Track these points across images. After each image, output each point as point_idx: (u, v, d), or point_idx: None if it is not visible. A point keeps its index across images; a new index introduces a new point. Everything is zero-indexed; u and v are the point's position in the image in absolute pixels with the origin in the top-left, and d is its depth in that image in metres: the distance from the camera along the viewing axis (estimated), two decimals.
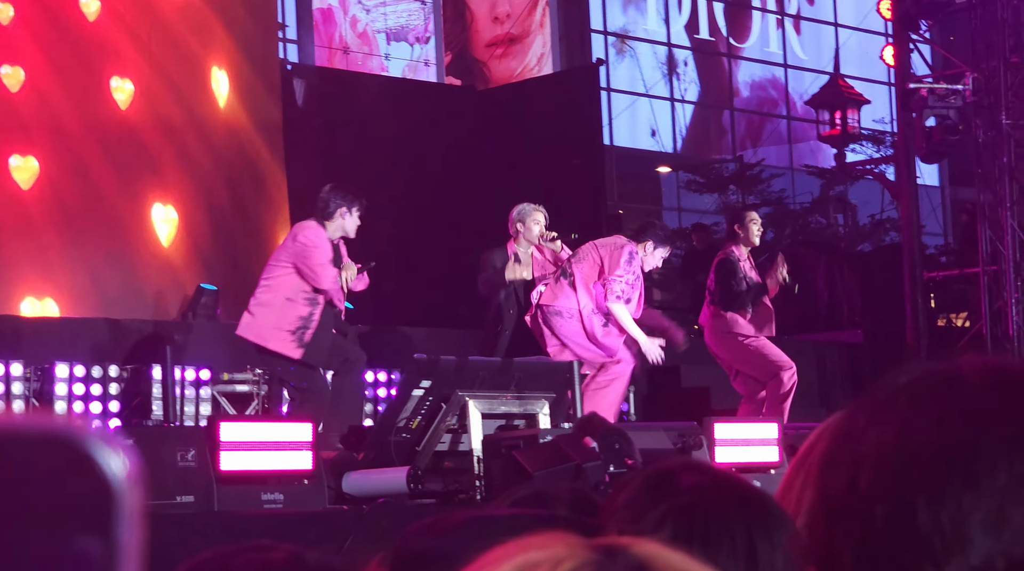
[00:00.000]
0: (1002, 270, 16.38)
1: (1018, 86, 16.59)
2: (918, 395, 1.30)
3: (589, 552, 1.02)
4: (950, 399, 1.28)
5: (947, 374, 1.31)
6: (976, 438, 1.25)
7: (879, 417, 1.30)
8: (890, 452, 1.27)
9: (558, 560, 1.01)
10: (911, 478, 1.25)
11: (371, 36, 25.24)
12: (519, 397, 9.31)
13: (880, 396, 1.33)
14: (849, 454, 1.30)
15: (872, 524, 1.26)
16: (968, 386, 1.29)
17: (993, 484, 1.23)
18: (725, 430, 9.59)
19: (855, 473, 1.28)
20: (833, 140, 19.21)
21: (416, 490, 8.35)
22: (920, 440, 1.26)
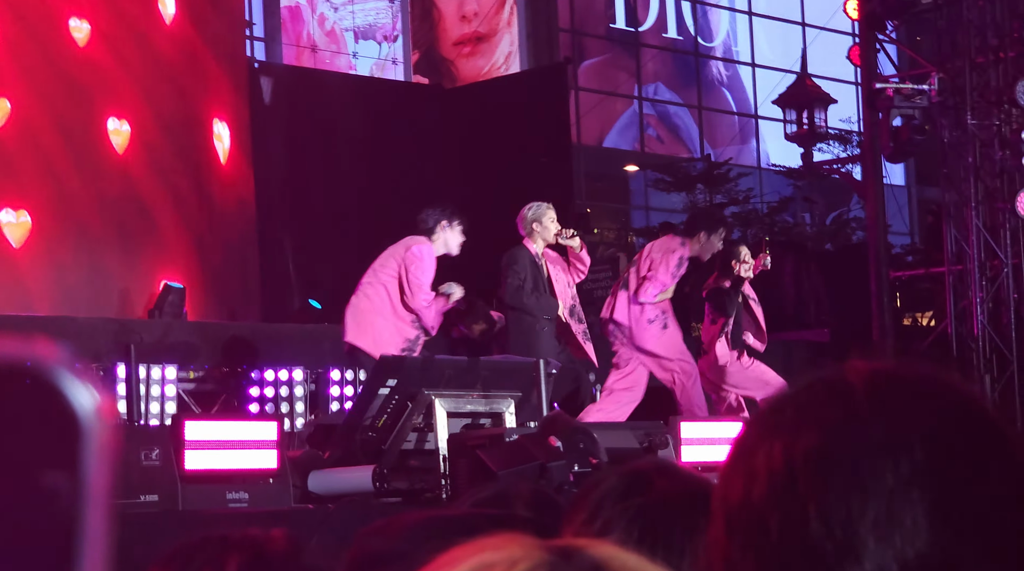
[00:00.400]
0: (967, 269, 16.43)
1: (983, 86, 16.65)
2: (804, 404, 1.30)
3: (544, 553, 1.01)
4: (835, 407, 1.28)
5: (832, 382, 1.31)
6: (859, 442, 1.25)
7: (770, 428, 1.30)
8: (779, 462, 1.27)
9: (513, 561, 1.00)
10: (799, 487, 1.25)
11: (339, 34, 25.21)
12: (485, 396, 9.31)
13: (773, 407, 1.33)
14: (743, 465, 1.30)
15: (767, 535, 1.26)
16: (852, 392, 1.29)
17: (879, 487, 1.23)
18: (691, 429, 9.61)
19: (749, 485, 1.28)
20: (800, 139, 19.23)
21: (382, 489, 8.33)
22: (806, 448, 1.26)
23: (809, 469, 1.25)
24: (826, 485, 1.24)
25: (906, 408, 1.27)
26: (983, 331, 16.27)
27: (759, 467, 1.28)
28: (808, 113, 19.12)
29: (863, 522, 1.23)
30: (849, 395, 1.29)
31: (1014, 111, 16.56)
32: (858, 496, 1.23)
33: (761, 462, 1.28)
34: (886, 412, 1.27)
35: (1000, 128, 16.58)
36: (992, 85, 16.64)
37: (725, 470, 1.33)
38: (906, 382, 1.30)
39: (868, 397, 1.28)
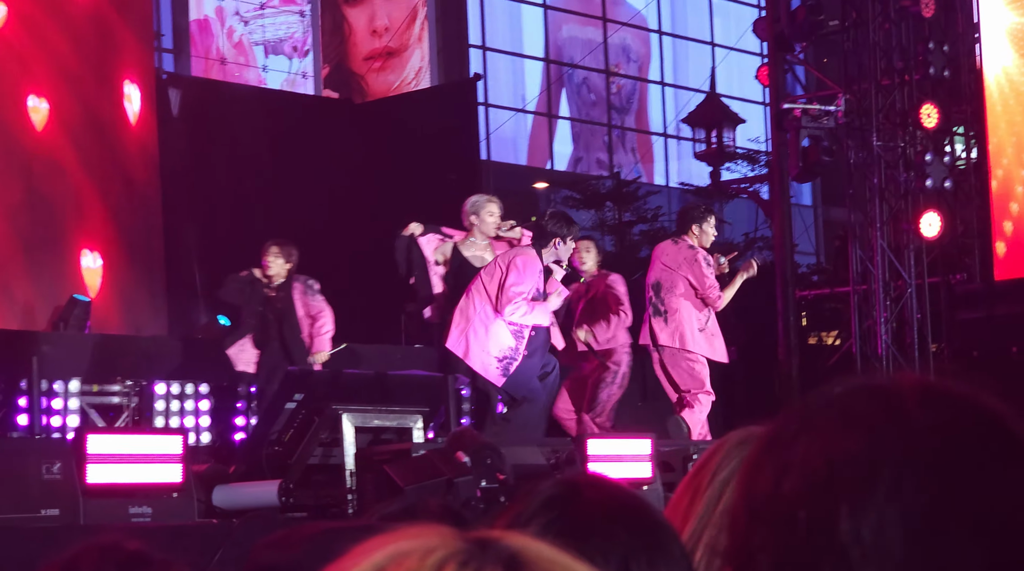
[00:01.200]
0: (872, 290, 16.60)
1: (889, 108, 16.84)
2: (851, 406, 1.30)
3: (460, 543, 1.02)
4: (883, 413, 1.28)
5: (882, 389, 1.31)
6: (904, 454, 1.25)
7: (810, 424, 1.30)
8: (818, 459, 1.27)
9: (428, 550, 1.00)
10: (836, 486, 1.25)
11: (248, 48, 25.09)
12: (393, 411, 9.27)
13: (814, 404, 1.33)
14: (776, 458, 1.29)
15: (793, 529, 1.26)
16: (902, 402, 1.29)
17: (917, 499, 1.23)
18: (598, 446, 9.61)
19: (780, 477, 1.28)
20: (708, 158, 19.35)
21: (287, 504, 8.28)
22: (848, 449, 1.26)
23: (848, 469, 1.25)
24: (863, 488, 1.24)
25: (954, 424, 1.27)
26: (887, 350, 16.44)
27: (795, 461, 1.27)
28: (717, 132, 19.24)
29: (894, 530, 1.23)
30: (899, 404, 1.28)
31: (918, 133, 16.77)
32: (894, 504, 1.23)
33: (797, 456, 1.27)
34: (934, 425, 1.27)
35: (905, 150, 16.78)
36: (897, 107, 16.84)
37: (753, 460, 1.32)
38: (954, 399, 1.30)
39: (917, 408, 1.28)
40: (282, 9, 25.38)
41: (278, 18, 25.35)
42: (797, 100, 17.01)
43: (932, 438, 1.26)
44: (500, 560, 0.99)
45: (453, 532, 1.03)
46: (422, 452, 8.08)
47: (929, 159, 16.44)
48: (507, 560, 0.99)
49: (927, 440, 1.26)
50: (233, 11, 24.77)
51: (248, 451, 9.04)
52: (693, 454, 10.64)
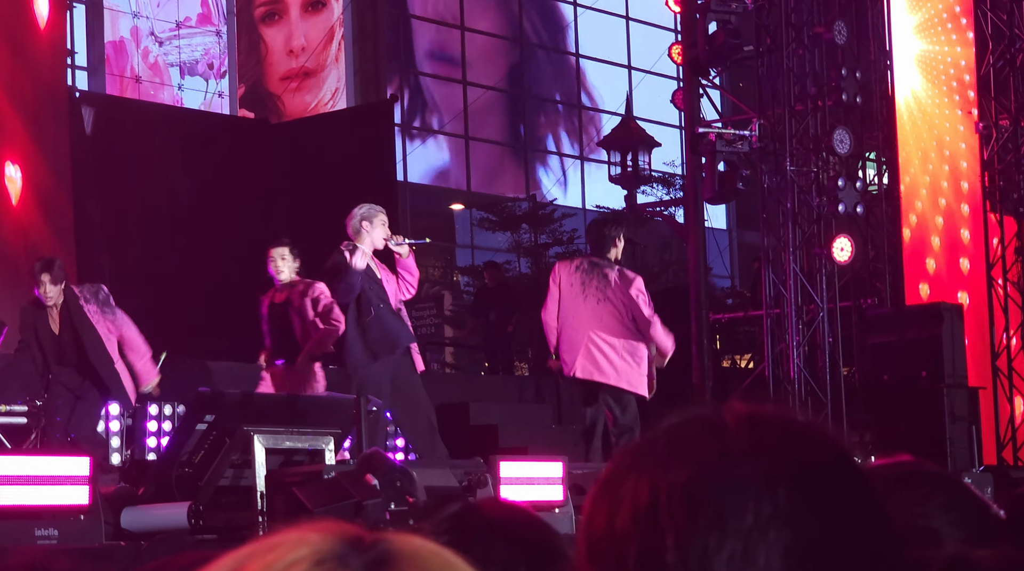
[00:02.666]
0: (784, 313, 16.72)
1: (802, 133, 16.99)
2: (676, 439, 1.31)
3: (335, 544, 1.01)
4: (706, 442, 1.30)
5: (706, 419, 1.33)
6: (725, 480, 1.26)
7: (640, 458, 1.31)
8: (644, 493, 1.28)
9: (296, 544, 1.00)
10: (662, 518, 1.26)
11: (164, 69, 24.94)
12: (304, 432, 9.23)
13: (644, 439, 1.34)
14: (610, 495, 1.30)
15: (625, 565, 1.27)
16: (725, 431, 1.30)
17: (739, 526, 1.24)
18: (510, 468, 9.61)
19: (613, 514, 1.29)
20: (624, 181, 19.42)
21: (197, 526, 8.22)
22: (672, 481, 1.27)
23: (673, 502, 1.26)
24: (687, 519, 1.25)
25: (775, 451, 1.28)
26: (799, 374, 16.55)
27: (625, 496, 1.28)
28: (632, 155, 19.32)
29: (718, 558, 1.24)
30: (722, 433, 1.30)
31: (831, 158, 16.92)
32: (717, 532, 1.24)
33: (627, 492, 1.28)
34: (756, 453, 1.28)
35: (818, 175, 16.93)
36: (811, 132, 16.99)
37: (591, 498, 1.33)
38: (778, 426, 1.31)
39: (740, 436, 1.29)
40: (198, 30, 25.26)
41: (194, 39, 25.23)
42: (712, 124, 17.12)
43: (751, 464, 1.27)
44: (372, 562, 0.99)
45: (335, 532, 1.02)
46: (332, 474, 8.05)
47: (841, 184, 16.59)
48: (377, 563, 0.99)
49: (747, 466, 1.27)
50: (148, 31, 24.62)
51: (158, 472, 8.96)
52: None
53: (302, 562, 0.98)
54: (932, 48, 18.72)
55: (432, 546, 1.05)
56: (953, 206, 18.67)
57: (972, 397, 16.73)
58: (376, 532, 1.04)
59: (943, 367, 16.47)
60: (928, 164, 18.47)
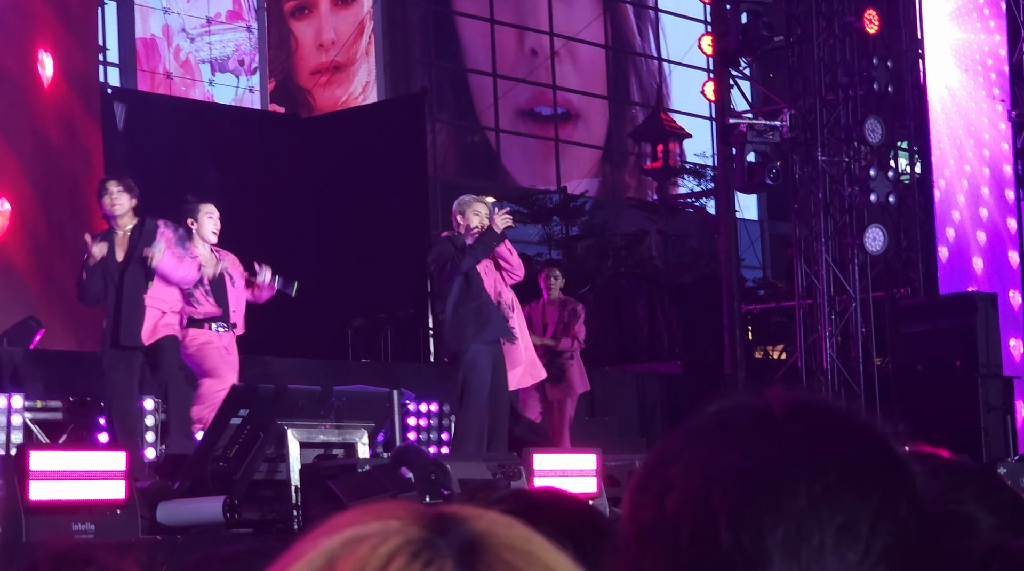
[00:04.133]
0: (817, 304, 16.68)
1: (833, 123, 16.94)
2: (727, 423, 1.34)
3: (419, 529, 1.01)
4: (757, 427, 1.32)
5: (755, 405, 1.35)
6: (779, 463, 1.29)
7: (689, 443, 1.33)
8: (697, 475, 1.30)
9: (386, 535, 1.00)
10: (715, 500, 1.28)
11: (195, 66, 25.00)
12: (338, 426, 9.25)
13: (692, 424, 1.35)
14: (659, 478, 1.32)
15: (678, 546, 1.28)
16: (774, 416, 1.33)
17: (792, 507, 1.27)
18: (544, 460, 9.61)
19: (663, 496, 1.30)
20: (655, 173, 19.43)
21: (232, 520, 8.25)
22: (725, 464, 1.29)
23: (726, 483, 1.28)
24: (740, 500, 1.27)
25: (824, 435, 1.31)
26: (832, 364, 16.52)
27: (676, 479, 1.30)
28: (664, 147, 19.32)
29: (772, 538, 1.26)
30: (770, 417, 1.32)
31: (863, 148, 16.88)
32: (771, 513, 1.27)
33: (677, 474, 1.30)
34: (805, 437, 1.31)
35: (849, 165, 16.89)
36: (842, 122, 16.95)
37: (638, 481, 1.35)
38: (823, 411, 1.35)
39: (788, 421, 1.32)
40: (228, 26, 25.31)
41: (224, 35, 25.27)
42: (742, 115, 17.09)
43: (802, 446, 1.30)
44: (453, 549, 0.99)
45: (416, 513, 1.02)
46: (367, 468, 8.07)
47: (873, 174, 16.54)
48: (461, 548, 0.99)
49: (798, 448, 1.30)
50: (179, 28, 24.69)
51: (193, 467, 9.00)
52: None
53: (400, 555, 0.98)
54: (965, 36, 18.64)
55: (504, 518, 1.05)
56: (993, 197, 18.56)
57: (1007, 386, 16.67)
58: (445, 509, 1.04)
59: (977, 356, 16.42)
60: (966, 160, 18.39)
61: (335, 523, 1.02)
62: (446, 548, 0.99)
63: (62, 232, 15.43)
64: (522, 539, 1.03)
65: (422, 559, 0.98)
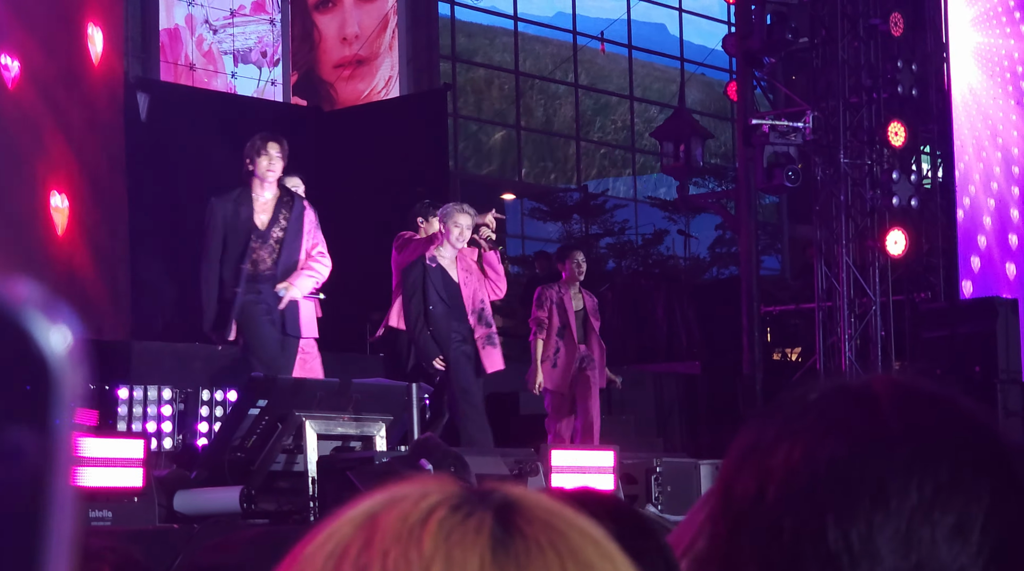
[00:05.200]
0: (836, 306, 16.65)
1: (856, 126, 16.91)
2: (828, 412, 1.29)
3: (457, 489, 1.02)
4: (860, 418, 1.28)
5: (858, 392, 1.31)
6: (886, 459, 1.25)
7: (788, 432, 1.29)
8: (799, 468, 1.26)
9: (425, 494, 1.01)
10: (820, 496, 1.25)
11: (218, 56, 25.02)
12: (356, 419, 9.25)
13: (789, 410, 1.32)
14: (758, 465, 1.28)
15: (779, 537, 1.25)
16: (878, 405, 1.29)
17: (903, 505, 1.23)
18: (561, 457, 9.62)
19: (763, 485, 1.27)
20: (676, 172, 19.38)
21: (249, 510, 8.25)
22: (830, 458, 1.26)
23: (832, 477, 1.24)
24: (848, 496, 1.24)
25: (933, 427, 1.27)
26: (851, 367, 16.48)
27: (776, 470, 1.27)
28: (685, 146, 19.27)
29: (882, 536, 1.23)
30: (876, 407, 1.28)
31: (885, 151, 16.84)
32: (880, 511, 1.23)
33: (779, 463, 1.27)
34: (913, 429, 1.27)
35: (872, 167, 16.85)
36: (865, 125, 16.91)
37: (732, 466, 1.31)
38: (931, 400, 1.30)
39: (895, 411, 1.28)
40: (252, 17, 25.34)
41: (248, 27, 25.29)
42: (765, 116, 17.06)
43: (911, 441, 1.26)
44: (492, 505, 1.00)
45: (455, 483, 1.04)
46: (385, 459, 8.08)
47: (896, 177, 16.51)
48: (500, 505, 1.01)
49: (907, 443, 1.26)
50: (203, 19, 24.72)
51: (210, 457, 9.00)
52: (657, 467, 10.66)
53: (441, 507, 1.00)
54: (989, 41, 18.60)
55: (539, 493, 1.06)
56: (1004, 188, 18.54)
57: None
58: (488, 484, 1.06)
59: (997, 362, 16.37)
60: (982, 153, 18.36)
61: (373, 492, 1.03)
62: (485, 504, 1.00)
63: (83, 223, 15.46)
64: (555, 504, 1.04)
65: (463, 511, 0.99)
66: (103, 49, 15.55)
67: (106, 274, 15.63)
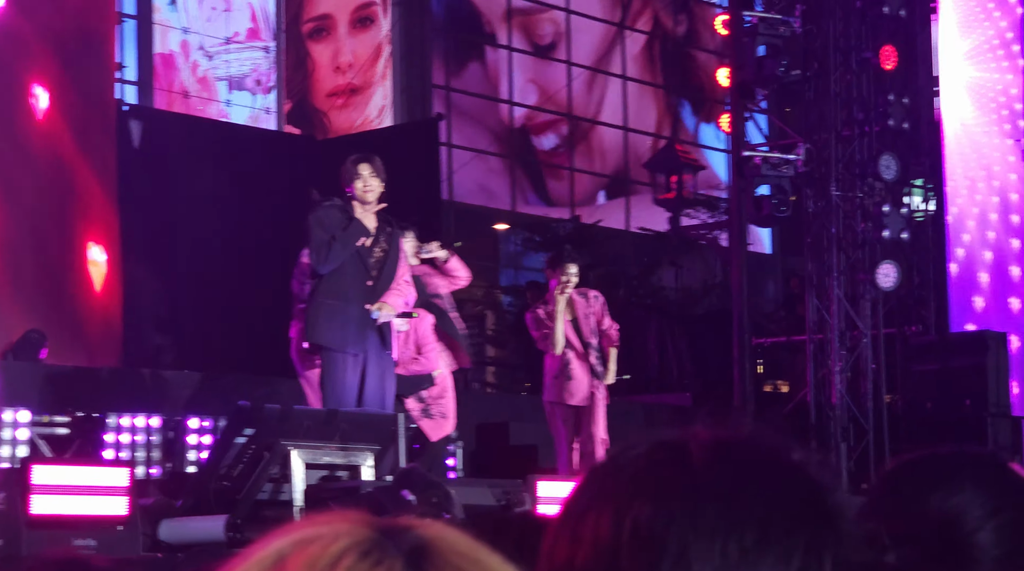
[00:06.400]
0: (827, 339, 16.65)
1: (848, 159, 16.93)
2: (641, 470, 1.25)
3: (369, 531, 1.00)
4: (671, 478, 1.23)
5: (672, 448, 1.26)
6: (691, 521, 1.20)
7: (602, 492, 1.25)
8: (605, 531, 1.22)
9: (332, 537, 0.99)
10: (623, 559, 1.21)
11: (212, 83, 25.05)
12: (343, 448, 9.23)
13: (607, 470, 1.28)
14: (570, 530, 1.25)
15: None
16: (691, 464, 1.24)
17: (704, 568, 1.19)
18: (548, 488, 9.59)
19: (573, 550, 1.24)
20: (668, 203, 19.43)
21: (234, 539, 8.22)
22: (635, 519, 1.21)
23: (635, 543, 1.21)
24: (649, 562, 1.20)
25: (743, 489, 1.23)
26: (841, 400, 16.47)
27: (586, 533, 1.23)
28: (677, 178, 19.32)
29: None
30: (688, 466, 1.24)
31: (877, 184, 16.86)
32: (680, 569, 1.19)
33: (589, 527, 1.23)
34: (722, 492, 1.22)
35: (863, 200, 16.87)
36: (856, 158, 16.94)
37: (554, 529, 1.27)
38: (747, 460, 1.25)
39: (706, 471, 1.23)
40: (247, 45, 25.38)
41: (243, 53, 25.33)
42: (757, 148, 17.09)
43: (719, 505, 1.21)
44: (403, 551, 0.98)
45: (367, 520, 1.02)
46: (369, 490, 8.06)
47: (887, 210, 16.53)
48: (410, 551, 0.99)
49: (713, 508, 1.21)
50: (198, 46, 24.75)
51: (196, 485, 8.98)
52: None
53: (349, 553, 0.98)
54: (982, 75, 18.64)
55: (453, 530, 1.04)
56: (1003, 240, 18.54)
57: (1016, 427, 16.62)
58: (398, 519, 1.04)
59: (987, 396, 16.36)
60: (976, 195, 18.38)
61: (287, 528, 1.02)
62: (395, 549, 0.99)
63: (74, 249, 15.45)
64: (470, 546, 1.02)
65: (372, 558, 0.98)
66: None
67: (96, 305, 15.62)
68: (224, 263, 17.95)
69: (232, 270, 17.76)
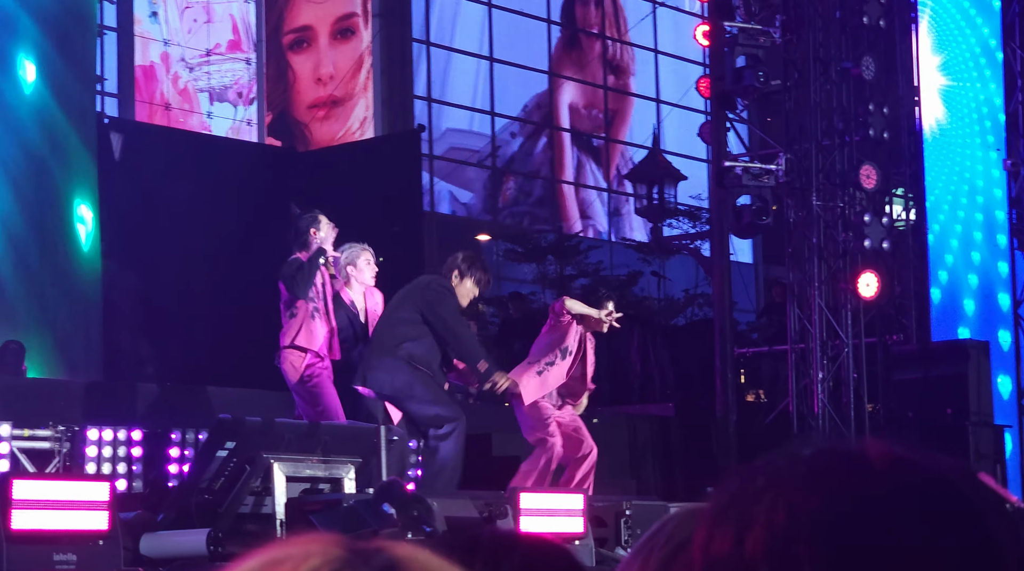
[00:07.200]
0: (809, 348, 16.67)
1: (829, 168, 16.96)
2: (816, 468, 1.28)
3: (340, 551, 1.01)
4: (851, 474, 1.27)
5: (850, 452, 1.30)
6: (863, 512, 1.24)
7: (776, 482, 1.28)
8: (781, 517, 1.25)
9: (305, 556, 0.99)
10: (800, 546, 1.23)
11: (193, 95, 25.04)
12: (325, 461, 9.22)
13: (780, 464, 1.30)
14: (739, 514, 1.27)
15: None
16: (871, 466, 1.28)
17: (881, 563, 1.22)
18: (531, 500, 9.58)
19: (743, 533, 1.25)
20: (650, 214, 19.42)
21: (216, 553, 8.20)
22: (813, 508, 1.24)
23: (813, 529, 1.23)
24: (827, 550, 1.22)
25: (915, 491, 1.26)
26: (823, 409, 16.49)
27: (759, 517, 1.25)
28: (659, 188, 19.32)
29: None
30: (867, 467, 1.27)
31: (857, 194, 16.89)
32: (857, 567, 1.22)
33: (762, 511, 1.25)
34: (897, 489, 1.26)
35: (844, 210, 16.89)
36: (837, 168, 16.96)
37: (712, 517, 1.29)
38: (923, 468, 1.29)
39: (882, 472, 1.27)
40: (228, 56, 25.36)
41: (224, 65, 25.32)
42: (738, 158, 17.11)
43: (892, 501, 1.25)
44: (379, 568, 0.99)
45: (337, 541, 1.02)
46: (351, 503, 8.04)
47: (868, 220, 16.56)
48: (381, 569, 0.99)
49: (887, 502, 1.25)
50: (179, 57, 24.73)
51: (178, 499, 8.96)
52: (626, 510, 10.64)
53: None
54: (961, 85, 18.69)
55: (427, 552, 1.04)
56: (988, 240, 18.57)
57: (997, 435, 16.65)
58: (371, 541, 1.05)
59: (968, 404, 16.39)
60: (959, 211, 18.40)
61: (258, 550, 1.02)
62: (365, 570, 0.99)
63: (55, 262, 15.42)
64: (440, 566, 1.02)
65: None
66: None
67: (77, 317, 15.59)
68: (205, 275, 17.92)
69: (214, 282, 17.73)
